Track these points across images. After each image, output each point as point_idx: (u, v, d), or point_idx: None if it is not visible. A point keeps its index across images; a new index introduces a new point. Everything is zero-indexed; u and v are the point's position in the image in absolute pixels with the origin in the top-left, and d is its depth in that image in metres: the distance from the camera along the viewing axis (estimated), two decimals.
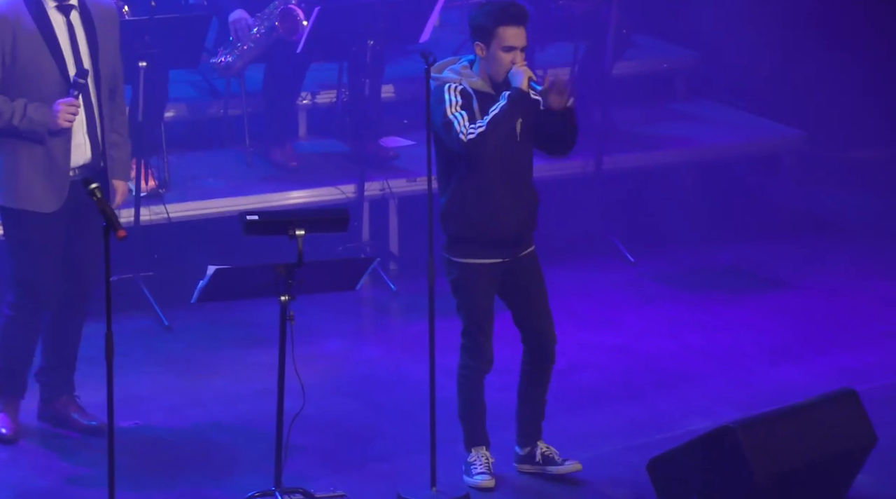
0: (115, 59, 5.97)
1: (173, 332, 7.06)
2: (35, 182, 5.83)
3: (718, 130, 8.58)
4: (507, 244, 5.75)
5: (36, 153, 5.83)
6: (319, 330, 7.10)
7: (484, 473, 5.86)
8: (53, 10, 5.83)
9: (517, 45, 5.55)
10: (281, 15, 7.52)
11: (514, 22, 5.51)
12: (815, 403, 5.77)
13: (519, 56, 5.55)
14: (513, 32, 5.52)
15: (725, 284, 7.68)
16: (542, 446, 5.92)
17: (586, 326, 7.21)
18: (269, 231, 5.35)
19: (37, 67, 5.79)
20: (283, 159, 7.77)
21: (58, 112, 5.77)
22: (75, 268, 5.99)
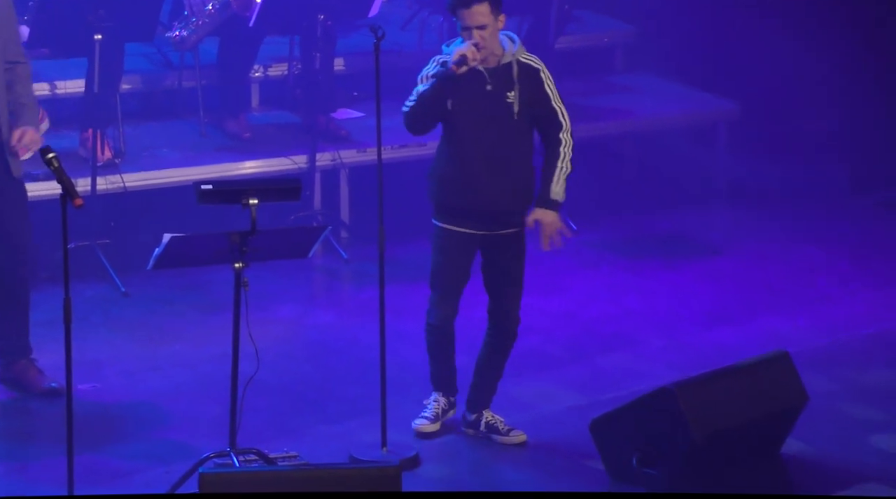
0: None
1: (130, 298, 7.00)
2: None
3: (656, 102, 8.59)
4: (480, 217, 5.73)
5: None
6: (273, 296, 7.06)
7: (425, 417, 5.88)
8: None
9: (470, 24, 5.62)
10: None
11: (466, 3, 5.61)
12: (749, 364, 5.80)
13: (476, 34, 5.60)
14: (465, 13, 5.62)
15: (664, 251, 7.70)
16: (487, 415, 5.92)
17: (531, 292, 7.16)
18: (223, 200, 5.30)
19: None
20: (238, 130, 7.71)
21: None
22: (3, 229, 5.87)
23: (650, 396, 5.54)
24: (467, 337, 6.04)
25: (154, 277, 6.84)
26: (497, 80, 5.69)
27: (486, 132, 5.69)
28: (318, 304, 7.15)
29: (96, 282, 7.06)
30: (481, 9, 5.61)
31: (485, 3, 5.61)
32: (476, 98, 5.68)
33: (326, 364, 6.49)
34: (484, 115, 5.67)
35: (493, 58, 5.69)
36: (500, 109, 5.68)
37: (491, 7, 5.63)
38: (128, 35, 7.23)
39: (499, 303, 5.85)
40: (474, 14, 5.61)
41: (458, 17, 5.65)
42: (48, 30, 7.00)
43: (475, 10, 5.61)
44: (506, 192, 5.72)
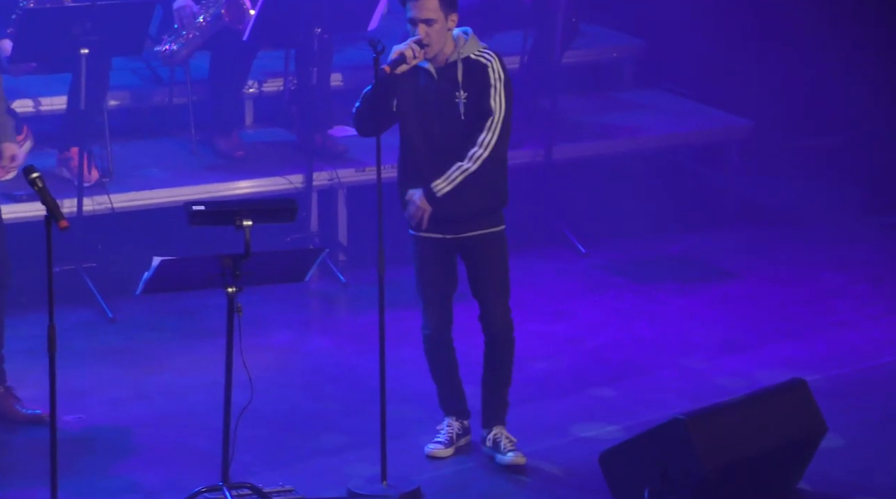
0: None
1: (118, 324, 6.97)
2: None
3: (667, 119, 8.58)
4: (447, 221, 5.76)
5: None
6: (267, 322, 7.03)
7: (439, 442, 5.89)
8: None
9: (417, 16, 5.60)
10: (227, 3, 7.44)
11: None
12: (765, 393, 5.77)
13: (420, 27, 5.59)
14: (413, 4, 5.61)
15: (675, 275, 7.67)
16: (495, 431, 5.91)
17: (537, 318, 7.18)
18: (216, 222, 5.28)
19: None
20: (230, 149, 7.69)
21: None
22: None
23: (661, 427, 5.50)
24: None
25: (143, 302, 6.81)
26: (444, 80, 5.68)
27: (436, 133, 5.69)
28: (315, 330, 7.12)
29: (82, 307, 7.03)
30: (430, 3, 5.59)
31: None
32: (424, 98, 5.68)
33: (323, 393, 6.46)
34: (433, 116, 5.68)
35: (441, 56, 5.66)
36: (449, 109, 5.67)
37: (441, 2, 5.60)
38: (115, 49, 7.23)
39: (487, 309, 5.85)
40: (421, 6, 5.59)
41: (406, 7, 5.64)
42: (32, 44, 6.99)
43: (423, 3, 5.59)
44: (468, 192, 5.71)
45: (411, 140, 5.75)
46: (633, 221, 8.15)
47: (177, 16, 7.55)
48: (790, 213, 8.45)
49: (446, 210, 5.74)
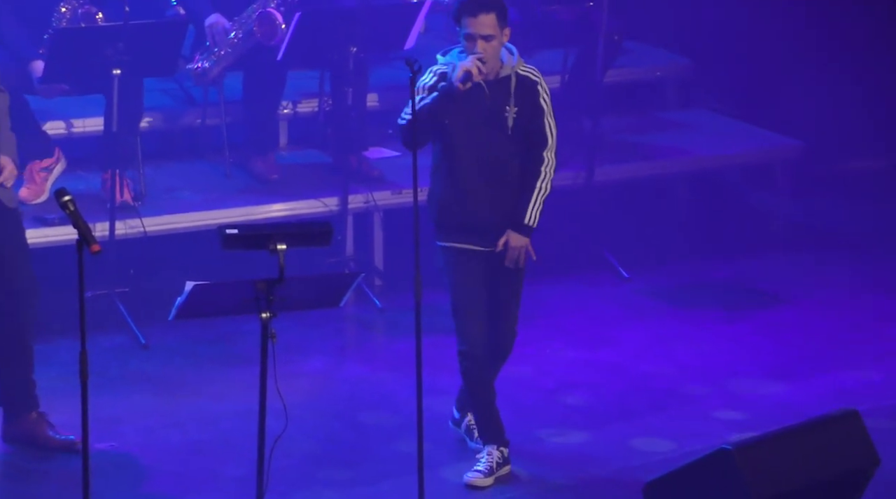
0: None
1: (150, 350, 7.02)
2: None
3: (712, 139, 8.58)
4: (482, 233, 5.91)
5: None
6: (302, 348, 7.07)
7: (479, 471, 5.96)
8: None
9: (476, 32, 5.76)
10: (259, 19, 7.50)
11: (472, 11, 5.76)
12: (815, 423, 5.75)
13: (480, 44, 5.77)
14: (472, 21, 5.76)
15: (721, 300, 7.67)
16: (470, 419, 6.12)
17: (578, 344, 7.19)
18: (250, 245, 5.32)
19: None
20: (265, 171, 7.74)
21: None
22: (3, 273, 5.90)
23: (707, 457, 5.50)
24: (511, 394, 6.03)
25: (176, 327, 6.86)
26: (495, 94, 5.86)
27: (483, 147, 5.87)
28: (350, 356, 7.15)
29: (115, 333, 7.08)
30: (489, 19, 5.76)
31: (492, 14, 5.77)
32: (474, 112, 5.85)
33: (359, 421, 6.49)
34: (481, 129, 5.85)
35: (492, 71, 5.84)
36: (497, 123, 5.85)
37: (498, 18, 5.79)
38: (148, 70, 7.29)
39: (499, 317, 6.00)
40: (481, 23, 5.76)
41: (462, 25, 5.80)
42: (64, 65, 7.06)
43: (482, 20, 5.76)
44: (505, 207, 5.90)
45: (459, 154, 5.88)
46: (678, 245, 8.14)
47: (209, 32, 7.61)
48: (840, 236, 8.43)
49: (485, 223, 5.88)
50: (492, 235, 5.93)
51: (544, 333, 7.29)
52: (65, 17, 7.33)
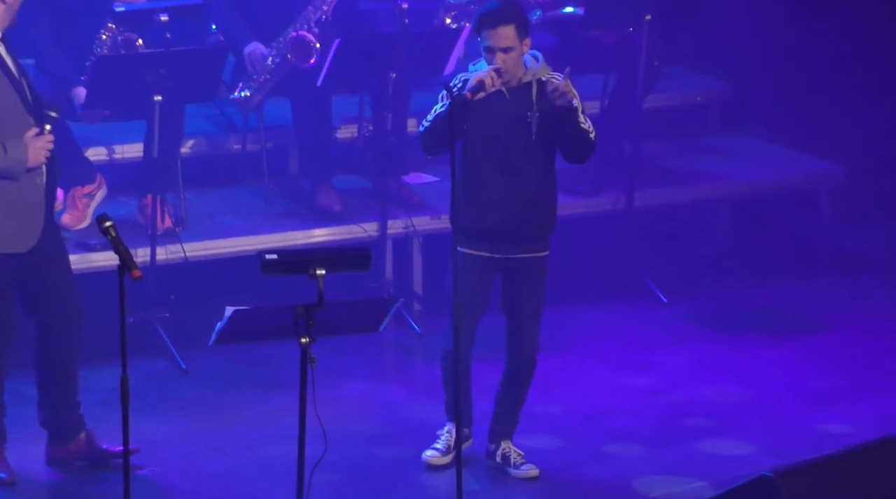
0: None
1: (191, 375, 7.07)
2: (8, 223, 5.82)
3: (754, 165, 8.57)
4: (495, 239, 5.98)
5: (6, 191, 5.82)
6: (341, 373, 7.10)
7: (436, 449, 6.09)
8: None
9: (495, 45, 5.88)
10: (291, 43, 7.56)
11: (492, 23, 5.88)
12: (858, 451, 5.72)
13: (499, 56, 5.88)
14: (491, 33, 5.89)
15: (763, 326, 7.65)
16: (505, 446, 6.12)
17: (618, 370, 7.19)
18: (289, 271, 5.35)
19: (2, 103, 5.80)
20: (329, 204, 7.67)
21: (38, 149, 5.78)
22: (46, 300, 5.97)
23: (748, 484, 5.48)
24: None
25: (216, 352, 6.91)
26: (517, 101, 5.95)
27: (503, 153, 5.94)
28: (389, 381, 7.17)
29: (155, 358, 7.13)
30: (507, 31, 5.88)
31: (511, 26, 5.88)
32: (494, 118, 5.93)
33: (398, 446, 6.51)
34: (502, 136, 5.94)
35: (513, 79, 5.93)
36: (519, 130, 5.94)
37: (517, 30, 5.90)
38: (189, 96, 7.35)
39: (517, 329, 6.07)
40: (500, 35, 5.87)
41: (482, 37, 5.92)
42: (106, 91, 7.13)
43: (501, 32, 5.88)
44: (525, 214, 5.96)
45: (477, 161, 5.95)
46: (718, 271, 8.13)
47: (248, 60, 7.68)
48: (883, 261, 8.39)
49: (502, 229, 5.94)
50: (503, 244, 5.99)
51: (583, 357, 7.29)
52: (105, 44, 7.41)
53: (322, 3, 7.64)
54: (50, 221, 5.99)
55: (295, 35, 7.55)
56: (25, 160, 5.79)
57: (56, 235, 6.03)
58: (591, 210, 8.02)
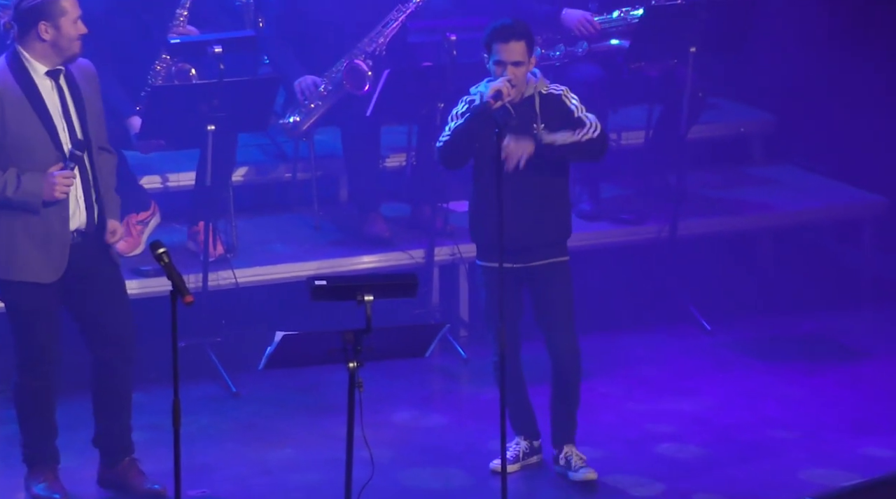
0: (99, 118, 6.06)
1: (241, 398, 7.12)
2: (33, 253, 5.89)
3: (797, 195, 8.56)
4: (518, 251, 6.14)
5: (32, 223, 5.90)
6: (388, 398, 7.13)
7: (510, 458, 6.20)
8: (42, 77, 5.90)
9: (506, 59, 6.11)
10: (347, 70, 7.63)
11: (504, 38, 6.11)
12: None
13: (509, 70, 6.09)
14: (503, 47, 6.11)
15: (806, 353, 7.63)
16: (567, 450, 6.28)
17: (661, 396, 7.19)
18: (338, 297, 5.39)
19: (28, 137, 5.86)
20: (379, 232, 7.74)
21: (54, 185, 5.84)
22: (99, 328, 6.03)
23: None
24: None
25: (266, 377, 6.95)
26: (521, 114, 6.15)
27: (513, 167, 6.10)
28: (436, 406, 7.19)
29: (207, 382, 7.18)
30: (518, 46, 6.11)
31: (522, 42, 6.11)
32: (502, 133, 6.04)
33: (445, 471, 6.52)
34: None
35: (519, 94, 6.16)
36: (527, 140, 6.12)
37: (527, 46, 6.12)
38: (241, 125, 7.42)
39: (553, 337, 6.23)
40: (511, 50, 6.09)
41: (493, 51, 6.13)
42: (161, 120, 7.21)
43: (512, 47, 6.09)
44: (539, 223, 6.17)
45: (486, 174, 6.11)
46: (761, 299, 8.12)
47: (298, 89, 7.75)
48: None
49: (520, 241, 6.11)
50: (524, 254, 6.16)
51: (627, 383, 7.30)
52: (160, 75, 7.50)
53: (378, 36, 7.72)
54: (97, 252, 6.03)
55: (349, 63, 7.64)
56: (40, 194, 5.85)
57: (107, 266, 6.07)
58: (635, 238, 8.04)
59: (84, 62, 6.05)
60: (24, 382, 6.05)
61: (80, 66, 6.02)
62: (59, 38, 5.87)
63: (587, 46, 8.02)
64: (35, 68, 5.90)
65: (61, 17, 5.85)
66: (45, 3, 5.86)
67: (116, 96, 7.42)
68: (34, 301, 5.95)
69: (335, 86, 7.69)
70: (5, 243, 5.94)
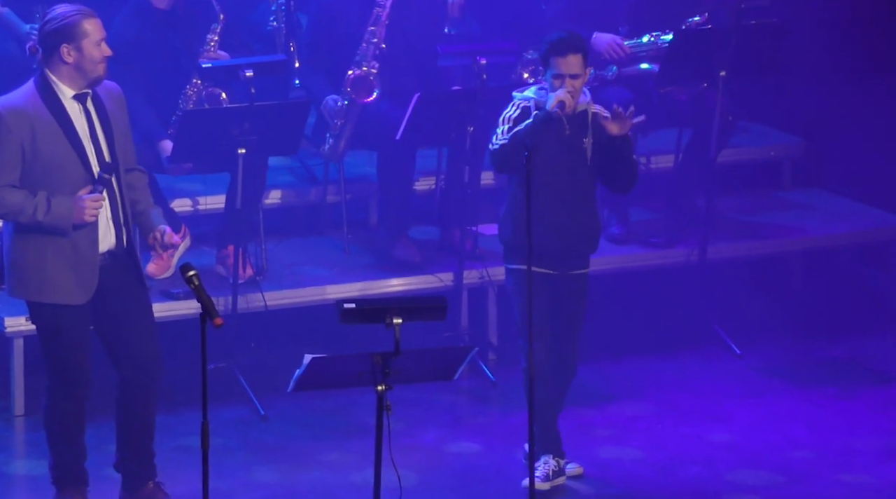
0: (126, 139, 6.06)
1: (269, 421, 7.11)
2: (63, 275, 5.90)
3: (828, 219, 8.52)
4: (552, 257, 6.31)
5: (62, 245, 5.91)
6: (417, 421, 7.11)
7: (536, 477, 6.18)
8: (70, 101, 5.91)
9: (565, 72, 6.26)
10: (350, 83, 7.64)
11: (562, 52, 6.25)
12: None
13: (567, 82, 6.24)
14: (561, 61, 6.26)
15: (837, 379, 7.58)
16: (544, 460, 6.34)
17: (690, 420, 7.14)
18: (366, 319, 5.38)
19: (57, 160, 5.87)
20: (408, 256, 7.73)
21: (83, 208, 5.85)
22: (124, 349, 6.02)
23: None
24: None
25: (294, 399, 6.94)
26: (574, 127, 6.32)
27: (560, 176, 6.32)
28: (464, 429, 7.17)
29: (235, 404, 7.18)
30: (576, 59, 6.27)
31: (579, 54, 6.27)
32: (554, 143, 6.29)
33: (472, 495, 6.50)
34: (560, 159, 6.32)
35: (574, 107, 6.30)
36: (575, 154, 6.33)
37: (583, 58, 6.27)
38: (272, 149, 7.43)
39: (566, 346, 6.36)
40: (570, 63, 6.25)
41: (551, 65, 6.28)
42: (192, 144, 7.22)
43: (571, 60, 6.26)
44: (576, 233, 6.36)
45: (538, 182, 6.20)
46: (792, 323, 8.07)
47: (324, 112, 7.78)
48: None
49: (558, 248, 6.28)
50: (560, 262, 6.32)
51: (656, 408, 7.26)
52: (191, 99, 7.53)
53: (371, 36, 7.72)
54: (126, 273, 6.03)
55: (352, 75, 7.64)
56: (70, 217, 5.86)
57: (135, 288, 6.06)
58: (665, 262, 8.00)
59: (110, 84, 6.07)
60: (55, 404, 6.06)
61: (106, 87, 6.04)
62: (82, 60, 5.88)
63: (616, 70, 8.01)
64: (63, 92, 5.92)
65: (83, 39, 5.87)
66: (67, 25, 5.88)
67: (148, 120, 7.45)
68: (66, 323, 5.96)
69: (350, 101, 7.70)
70: (36, 266, 5.96)
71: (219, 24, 7.55)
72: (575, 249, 6.38)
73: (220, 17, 7.56)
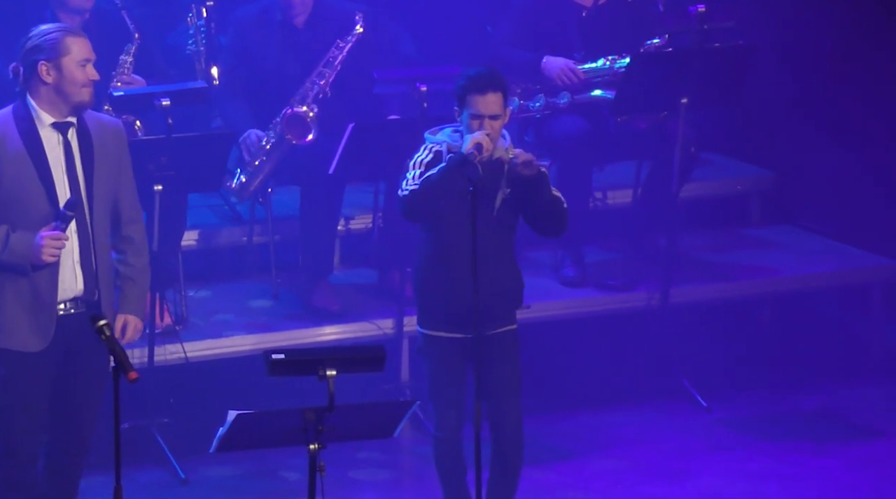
0: (125, 184, 5.98)
1: (190, 485, 7.08)
2: (19, 319, 5.82)
3: (798, 258, 8.59)
4: (468, 319, 6.07)
5: (20, 286, 5.83)
6: (353, 483, 7.09)
7: None
8: (48, 129, 5.82)
9: (484, 112, 6.08)
10: (286, 121, 7.64)
11: (481, 89, 6.07)
12: None
13: (486, 123, 6.07)
14: (479, 99, 6.08)
15: (810, 432, 7.63)
16: None
17: (653, 479, 7.17)
18: (297, 371, 5.37)
19: (23, 192, 5.79)
20: (326, 303, 7.74)
21: (41, 246, 5.75)
22: (71, 414, 5.95)
23: None
24: None
25: (218, 461, 6.91)
26: (489, 176, 6.09)
27: (468, 226, 6.05)
28: (406, 491, 7.16)
29: (152, 467, 7.14)
30: (496, 98, 6.10)
31: (500, 93, 6.10)
32: (463, 192, 6.03)
33: None
34: (468, 214, 6.03)
35: (490, 151, 6.13)
36: (486, 204, 6.11)
37: (504, 97, 6.11)
38: (191, 185, 7.42)
39: (500, 411, 6.15)
40: (489, 102, 6.08)
41: (468, 103, 6.10)
42: None
43: (490, 99, 6.08)
44: (492, 293, 6.12)
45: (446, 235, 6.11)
46: (761, 373, 8.13)
47: (242, 146, 7.76)
48: None
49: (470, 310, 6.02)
50: (475, 324, 6.07)
51: (616, 465, 7.28)
52: None
53: (319, 77, 7.73)
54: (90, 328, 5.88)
55: (290, 112, 7.64)
56: (28, 256, 5.77)
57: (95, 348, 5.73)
58: (623, 306, 8.04)
59: (109, 120, 6.01)
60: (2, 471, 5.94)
61: (100, 121, 5.94)
62: (62, 81, 5.77)
63: (570, 97, 8.05)
64: (41, 118, 5.82)
65: (64, 56, 5.77)
66: (47, 41, 5.78)
67: None
68: (17, 372, 5.83)
69: (278, 138, 7.69)
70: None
71: (133, 45, 7.53)
72: (492, 310, 6.13)
73: (135, 36, 7.53)
